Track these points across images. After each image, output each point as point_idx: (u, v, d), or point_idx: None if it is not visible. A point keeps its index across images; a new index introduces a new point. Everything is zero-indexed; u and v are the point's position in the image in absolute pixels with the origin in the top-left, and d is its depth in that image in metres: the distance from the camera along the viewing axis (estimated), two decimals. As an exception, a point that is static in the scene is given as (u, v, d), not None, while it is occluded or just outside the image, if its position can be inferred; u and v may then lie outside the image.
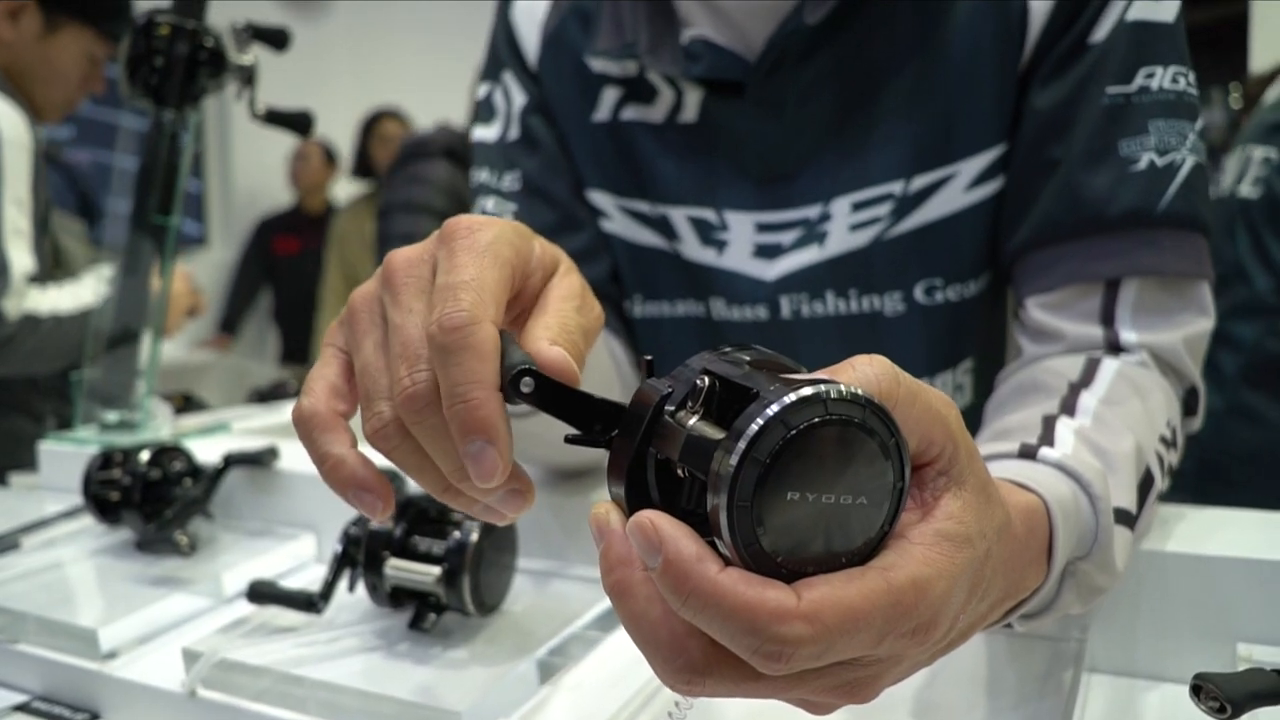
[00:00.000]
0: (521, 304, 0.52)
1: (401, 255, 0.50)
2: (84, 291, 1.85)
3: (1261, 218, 1.80)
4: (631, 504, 0.41)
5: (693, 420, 0.39)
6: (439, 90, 4.81)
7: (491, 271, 0.47)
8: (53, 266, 1.98)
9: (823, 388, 0.36)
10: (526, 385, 0.43)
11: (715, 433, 0.38)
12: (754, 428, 0.35)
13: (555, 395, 0.44)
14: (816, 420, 0.35)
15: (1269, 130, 1.83)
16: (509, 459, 0.45)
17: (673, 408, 0.41)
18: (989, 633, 0.71)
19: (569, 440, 0.45)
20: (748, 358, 0.41)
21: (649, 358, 0.47)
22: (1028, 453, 0.60)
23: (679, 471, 0.40)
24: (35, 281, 1.79)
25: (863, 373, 0.39)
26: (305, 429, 0.51)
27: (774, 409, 0.35)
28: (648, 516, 0.36)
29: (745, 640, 0.35)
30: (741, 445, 0.35)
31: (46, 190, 1.90)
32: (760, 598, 0.35)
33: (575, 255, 0.95)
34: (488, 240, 0.48)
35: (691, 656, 0.37)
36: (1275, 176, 1.80)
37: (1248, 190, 1.81)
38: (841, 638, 0.36)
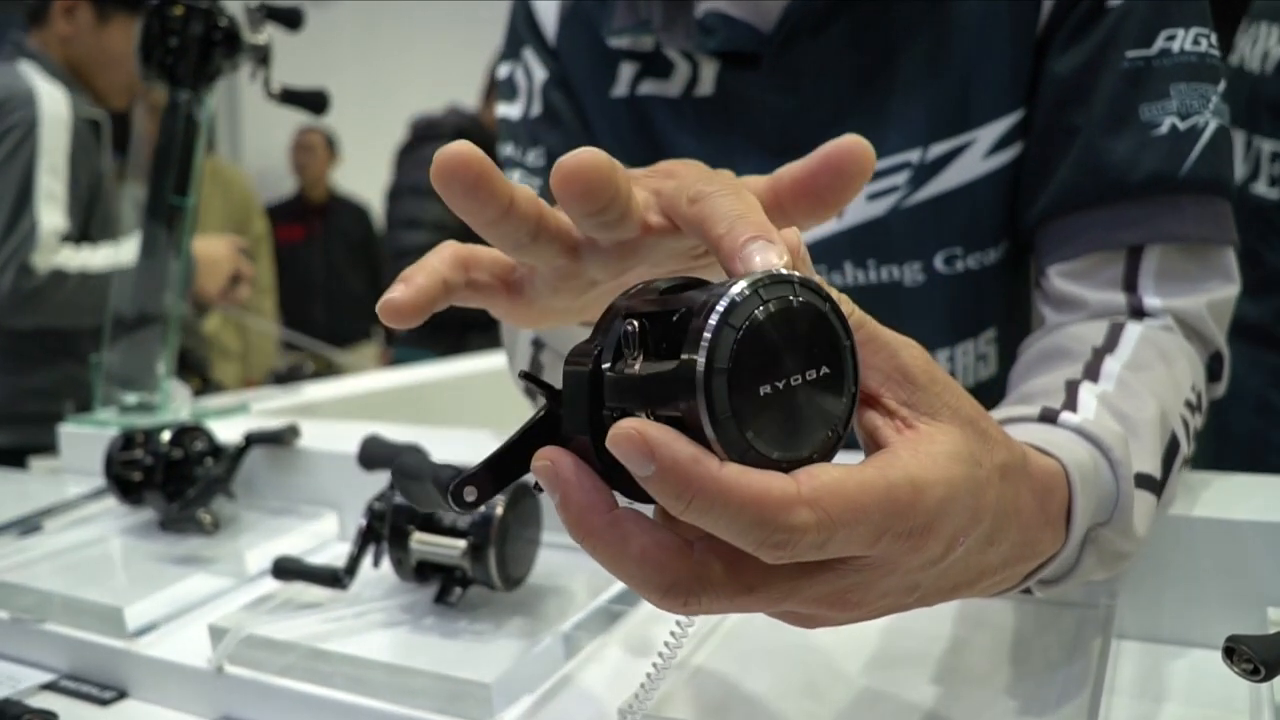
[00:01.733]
0: None
1: None
2: (121, 253, 2.01)
3: None
4: (604, 470, 0.39)
5: (638, 366, 0.38)
6: (448, 74, 4.80)
7: None
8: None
9: (755, 277, 0.36)
10: (470, 494, 0.43)
11: (666, 366, 0.37)
12: (704, 342, 0.35)
13: (501, 468, 0.43)
14: (758, 311, 0.35)
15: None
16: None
17: (608, 364, 0.40)
18: (1016, 599, 0.71)
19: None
20: (661, 286, 0.41)
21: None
22: (1048, 417, 0.60)
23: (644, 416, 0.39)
24: (69, 241, 1.98)
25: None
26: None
27: (714, 317, 0.35)
28: (631, 425, 0.35)
29: (753, 533, 0.35)
30: (700, 362, 0.35)
31: (97, 162, 2.10)
32: (765, 488, 0.35)
33: None
34: None
35: (681, 580, 0.37)
36: None
37: (1265, 189, 1.72)
38: (842, 528, 0.36)
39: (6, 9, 2.26)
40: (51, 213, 1.94)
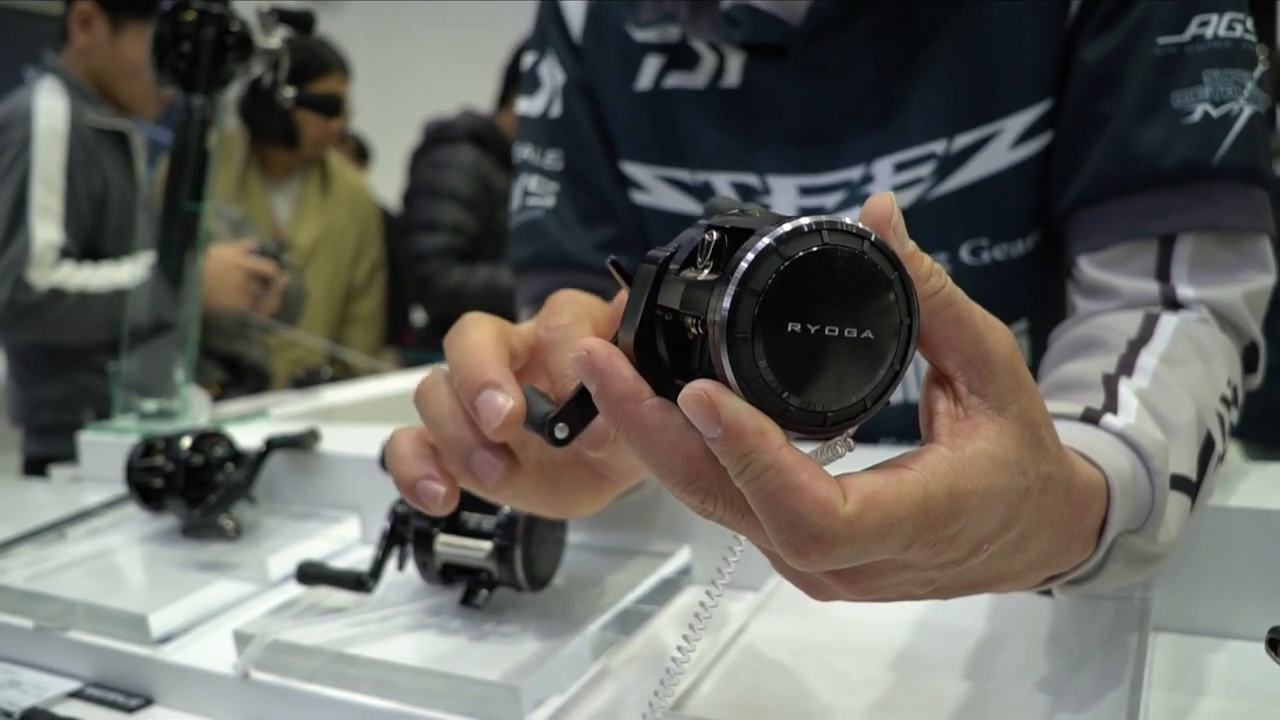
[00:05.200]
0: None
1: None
2: (120, 273, 2.02)
3: None
4: (642, 368, 0.41)
5: (705, 274, 0.39)
6: (458, 76, 4.80)
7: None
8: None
9: (820, 219, 0.36)
10: (561, 431, 0.49)
11: (712, 276, 0.38)
12: (748, 259, 0.35)
13: (586, 402, 0.48)
14: (813, 249, 0.35)
15: None
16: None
17: (677, 266, 0.41)
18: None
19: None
20: (757, 211, 0.41)
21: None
22: (1090, 417, 0.59)
23: (691, 330, 0.40)
24: (69, 257, 1.99)
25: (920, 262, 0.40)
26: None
27: (767, 239, 0.35)
28: (701, 387, 0.36)
29: (782, 524, 0.35)
30: (736, 277, 0.35)
31: (108, 172, 2.11)
32: (812, 483, 0.35)
33: (611, 244, 0.96)
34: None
35: (703, 477, 0.38)
36: None
37: None
38: (875, 543, 0.36)
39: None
40: (46, 226, 1.97)
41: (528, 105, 1.02)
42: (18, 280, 1.93)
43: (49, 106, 2.03)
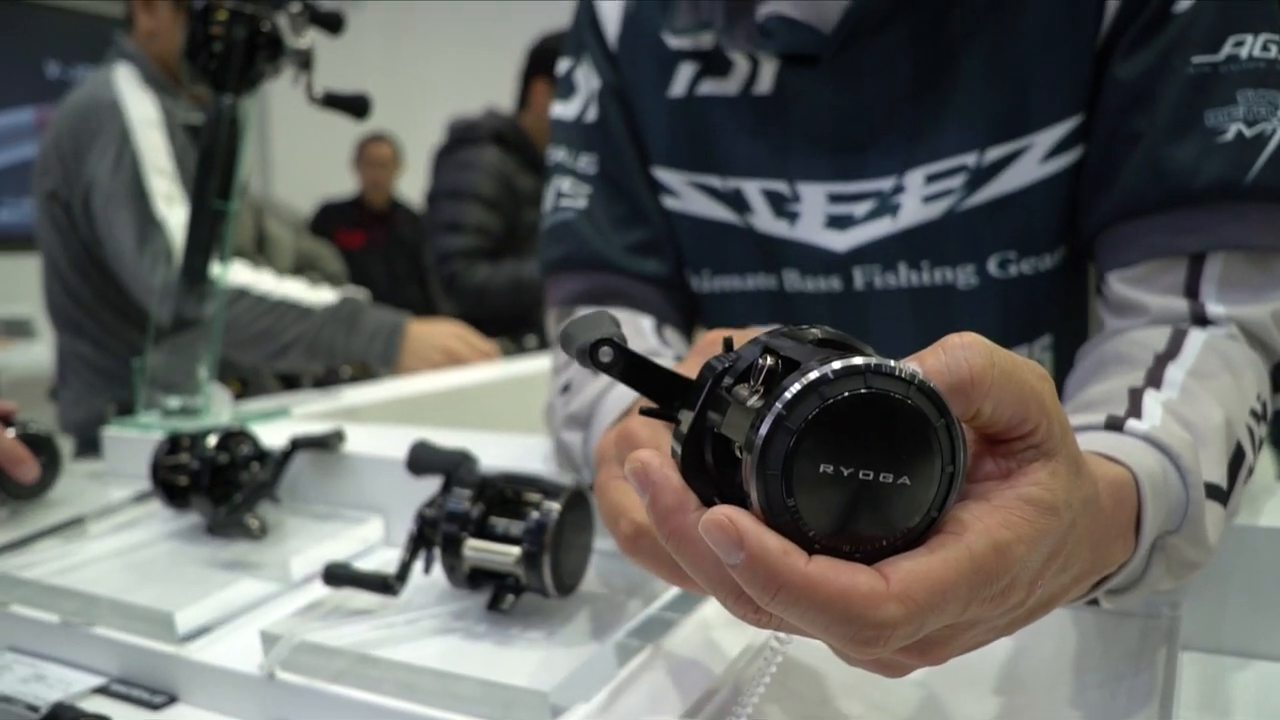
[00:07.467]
0: None
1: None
2: (286, 286, 1.89)
3: None
4: (688, 477, 0.41)
5: (753, 399, 0.39)
6: (477, 76, 4.80)
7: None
8: (254, 252, 2.06)
9: (868, 361, 0.35)
10: (605, 355, 0.44)
11: (756, 405, 0.38)
12: (787, 396, 0.35)
13: (635, 367, 0.44)
14: (854, 392, 0.35)
15: None
16: None
17: (731, 381, 0.41)
18: (1077, 609, 0.70)
19: (643, 412, 0.46)
20: (817, 335, 0.41)
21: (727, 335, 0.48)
22: (1114, 424, 0.59)
23: (737, 451, 0.40)
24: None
25: (953, 355, 0.39)
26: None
27: (810, 378, 0.35)
28: (724, 513, 0.36)
29: (841, 629, 0.35)
30: (773, 413, 0.35)
31: (188, 170, 1.95)
32: (853, 584, 0.35)
33: (643, 247, 0.97)
34: None
35: None
36: None
37: None
38: (933, 613, 0.36)
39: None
40: (175, 212, 1.85)
41: (562, 109, 1.02)
42: (169, 260, 1.78)
43: (135, 97, 1.93)
